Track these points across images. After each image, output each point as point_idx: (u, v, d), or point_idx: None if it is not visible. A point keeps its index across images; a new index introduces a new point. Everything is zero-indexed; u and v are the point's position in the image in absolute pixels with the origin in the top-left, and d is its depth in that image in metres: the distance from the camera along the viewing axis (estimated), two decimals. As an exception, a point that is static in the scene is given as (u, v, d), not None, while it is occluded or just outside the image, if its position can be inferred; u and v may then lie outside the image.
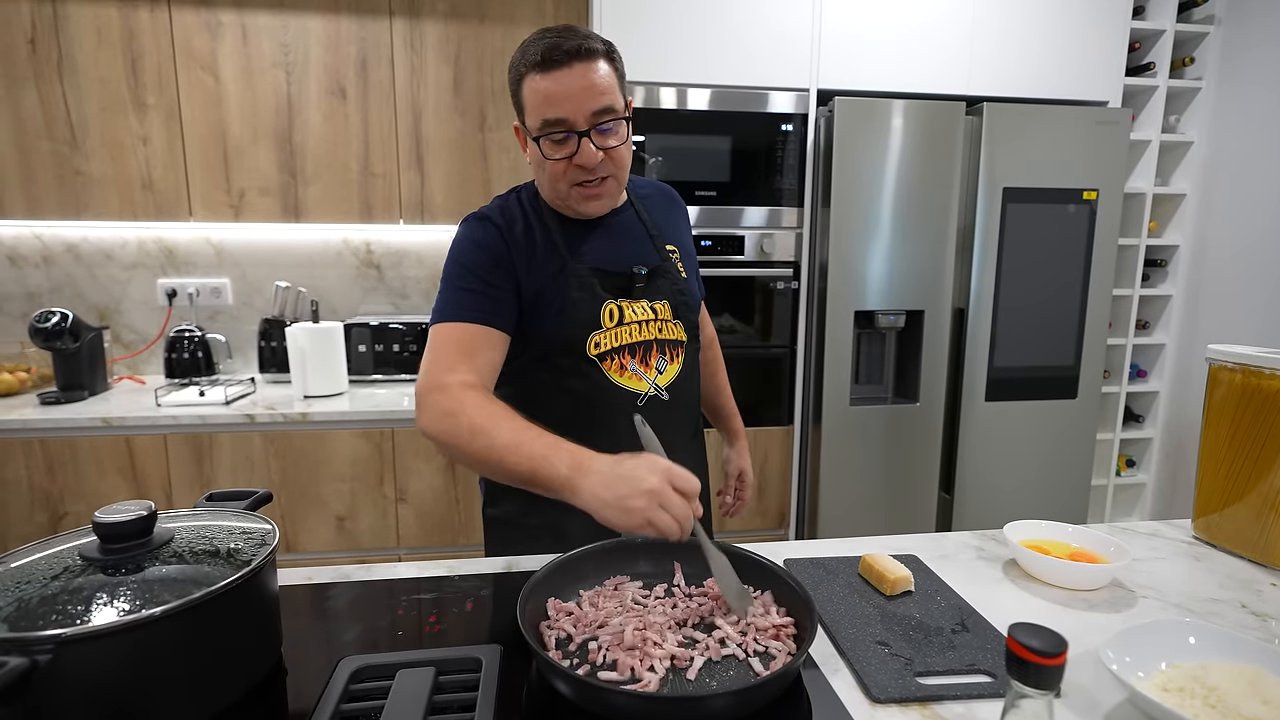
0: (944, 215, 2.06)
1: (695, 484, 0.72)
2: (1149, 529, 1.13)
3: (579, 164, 0.93)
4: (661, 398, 1.04)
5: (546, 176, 0.98)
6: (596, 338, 1.00)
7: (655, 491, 0.70)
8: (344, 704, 0.65)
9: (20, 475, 1.85)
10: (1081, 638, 0.77)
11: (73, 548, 0.67)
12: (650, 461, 0.73)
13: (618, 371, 1.01)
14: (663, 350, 1.05)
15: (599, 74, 0.91)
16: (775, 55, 2.04)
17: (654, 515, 0.70)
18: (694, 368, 1.11)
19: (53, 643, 0.55)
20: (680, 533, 0.71)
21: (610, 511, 0.72)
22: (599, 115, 0.92)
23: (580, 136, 0.92)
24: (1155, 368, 2.60)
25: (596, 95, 0.91)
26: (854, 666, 0.72)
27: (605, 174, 0.96)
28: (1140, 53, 2.42)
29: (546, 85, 0.90)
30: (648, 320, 1.03)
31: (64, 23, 1.95)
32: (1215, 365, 1.05)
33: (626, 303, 1.02)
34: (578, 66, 0.90)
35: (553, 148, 0.94)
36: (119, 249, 2.31)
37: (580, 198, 0.98)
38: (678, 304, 1.07)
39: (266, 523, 0.77)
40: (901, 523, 2.17)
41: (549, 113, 0.91)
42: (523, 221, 1.02)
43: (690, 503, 0.71)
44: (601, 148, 0.93)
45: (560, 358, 1.00)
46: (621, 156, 0.97)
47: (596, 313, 1.00)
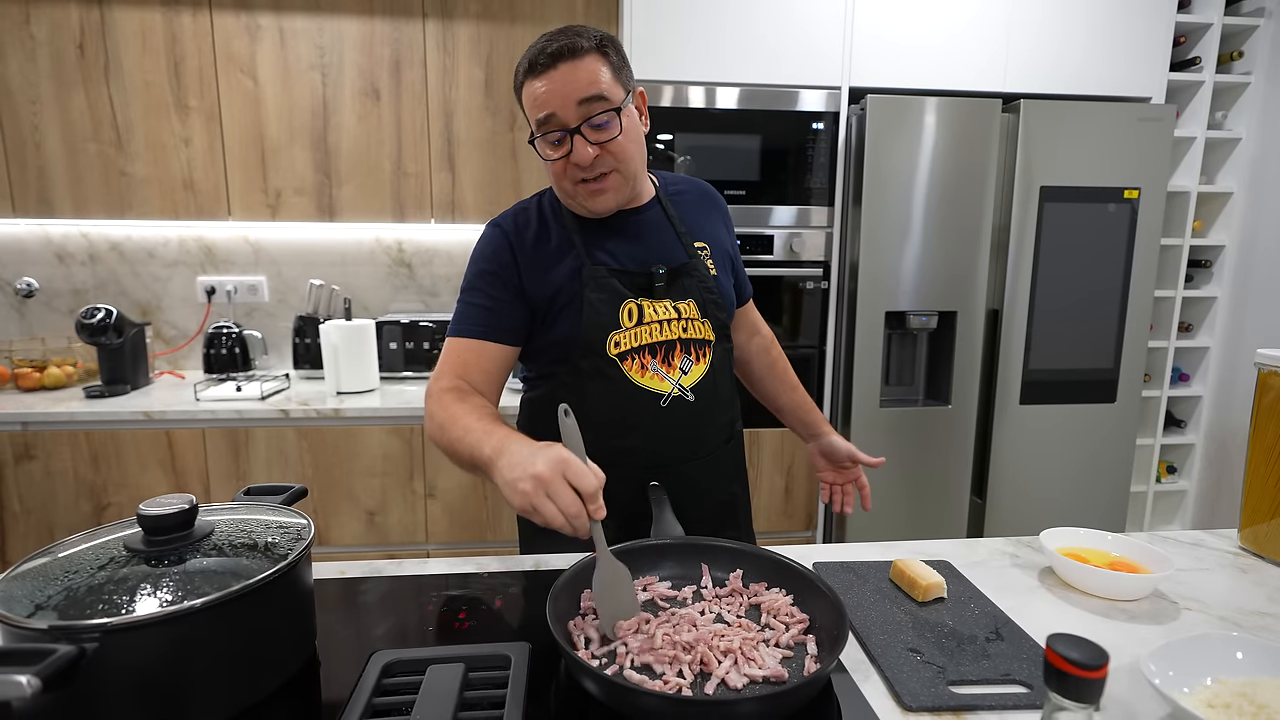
0: (978, 214, 2.02)
1: (590, 482, 0.69)
2: (1192, 538, 1.09)
3: (574, 162, 0.93)
4: (686, 398, 1.02)
5: (553, 177, 0.99)
6: (616, 337, 0.99)
7: (541, 478, 0.69)
8: (376, 697, 0.66)
9: (66, 466, 1.92)
10: (1122, 650, 0.75)
11: (118, 539, 0.69)
12: (552, 451, 0.72)
13: (638, 371, 1.00)
14: (687, 350, 1.03)
15: (585, 70, 0.91)
16: (806, 53, 2.02)
17: (538, 502, 0.69)
18: (724, 369, 1.09)
19: (100, 631, 0.57)
20: (565, 526, 0.69)
21: (506, 491, 0.74)
22: (586, 107, 0.91)
23: (572, 134, 0.92)
24: (1199, 371, 2.52)
25: (581, 88, 0.91)
26: (885, 674, 0.71)
27: (605, 169, 0.95)
28: (1185, 47, 2.34)
29: (536, 87, 0.92)
30: (670, 319, 1.02)
31: (111, 28, 2.01)
32: (1265, 370, 1.02)
33: (647, 302, 1.01)
34: (563, 66, 0.90)
35: (549, 148, 0.95)
36: (161, 247, 2.37)
37: (586, 194, 0.98)
38: (705, 302, 1.05)
39: (302, 518, 0.78)
40: (932, 527, 2.13)
41: (540, 112, 0.93)
42: (538, 225, 1.03)
43: (589, 501, 0.69)
44: (596, 142, 0.93)
45: (580, 358, 1.00)
46: (621, 149, 0.95)
47: (615, 312, 0.99)
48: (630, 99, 0.97)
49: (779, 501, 2.21)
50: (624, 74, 0.96)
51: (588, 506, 0.70)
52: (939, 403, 2.12)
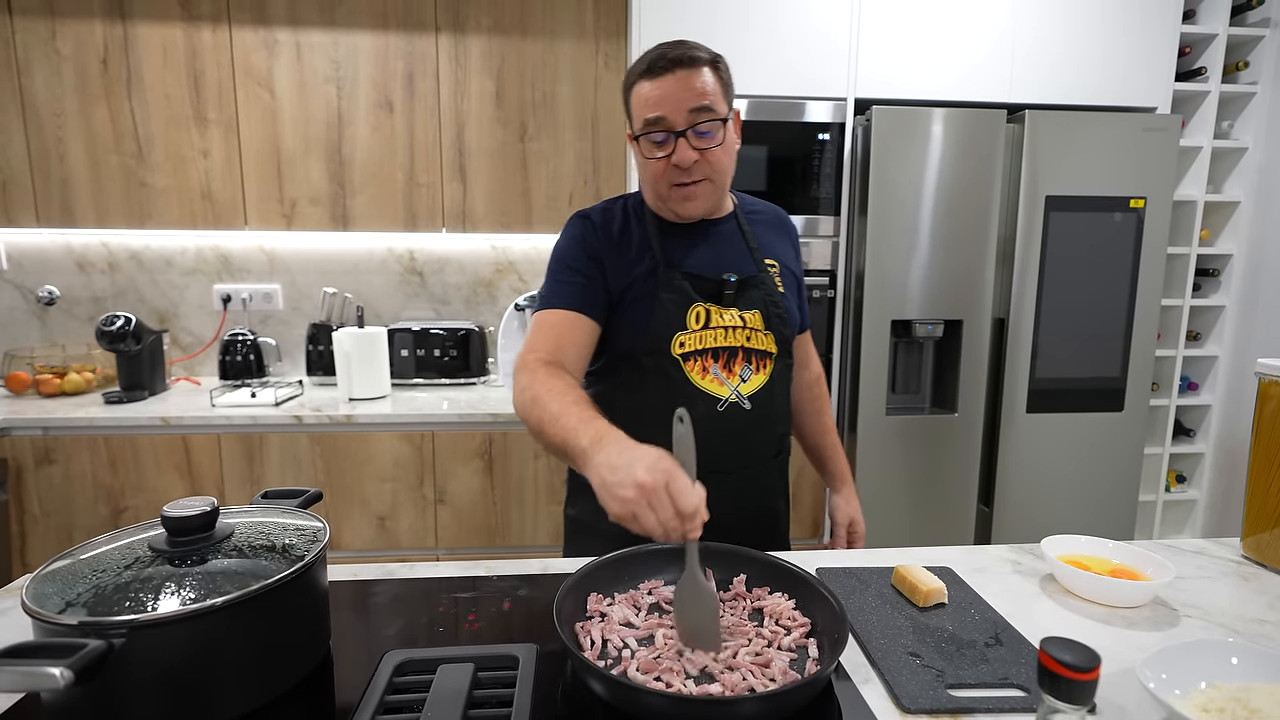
0: (984, 224, 2.04)
1: (690, 501, 0.66)
2: (1195, 546, 1.10)
3: (675, 163, 0.98)
4: (743, 406, 1.05)
5: (648, 177, 1.04)
6: (681, 338, 1.03)
7: (647, 487, 0.66)
8: (388, 695, 0.68)
9: (85, 470, 1.96)
10: (1120, 656, 0.76)
11: (143, 539, 0.72)
12: (658, 458, 0.68)
13: (699, 373, 1.03)
14: (749, 359, 1.06)
15: (701, 80, 0.97)
16: (813, 64, 2.04)
17: (640, 511, 0.66)
18: (783, 383, 1.11)
19: (127, 627, 0.59)
20: (664, 536, 0.67)
21: (604, 494, 0.69)
22: (696, 115, 0.97)
23: (677, 136, 0.97)
24: (1207, 380, 2.51)
25: (695, 97, 0.96)
26: (885, 676, 0.72)
27: (701, 175, 1.00)
28: (1191, 57, 2.35)
29: (649, 89, 0.98)
30: (735, 327, 1.05)
31: (133, 43, 2.06)
32: (1265, 380, 1.02)
33: (715, 308, 1.05)
34: (680, 72, 0.97)
35: (652, 147, 1.00)
36: (178, 256, 2.42)
37: (678, 198, 1.02)
38: (770, 315, 1.07)
39: (318, 521, 0.81)
40: (938, 535, 2.14)
41: (650, 113, 0.98)
42: (621, 222, 1.08)
43: (686, 521, 0.67)
44: (697, 148, 0.98)
45: (645, 356, 1.04)
46: (717, 159, 1.00)
47: (683, 314, 1.03)
48: (730, 116, 1.02)
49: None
50: (729, 92, 1.03)
51: (685, 525, 0.67)
52: (945, 411, 2.12)
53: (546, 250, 2.53)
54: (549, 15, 2.16)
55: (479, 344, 2.40)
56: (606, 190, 2.27)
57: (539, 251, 2.54)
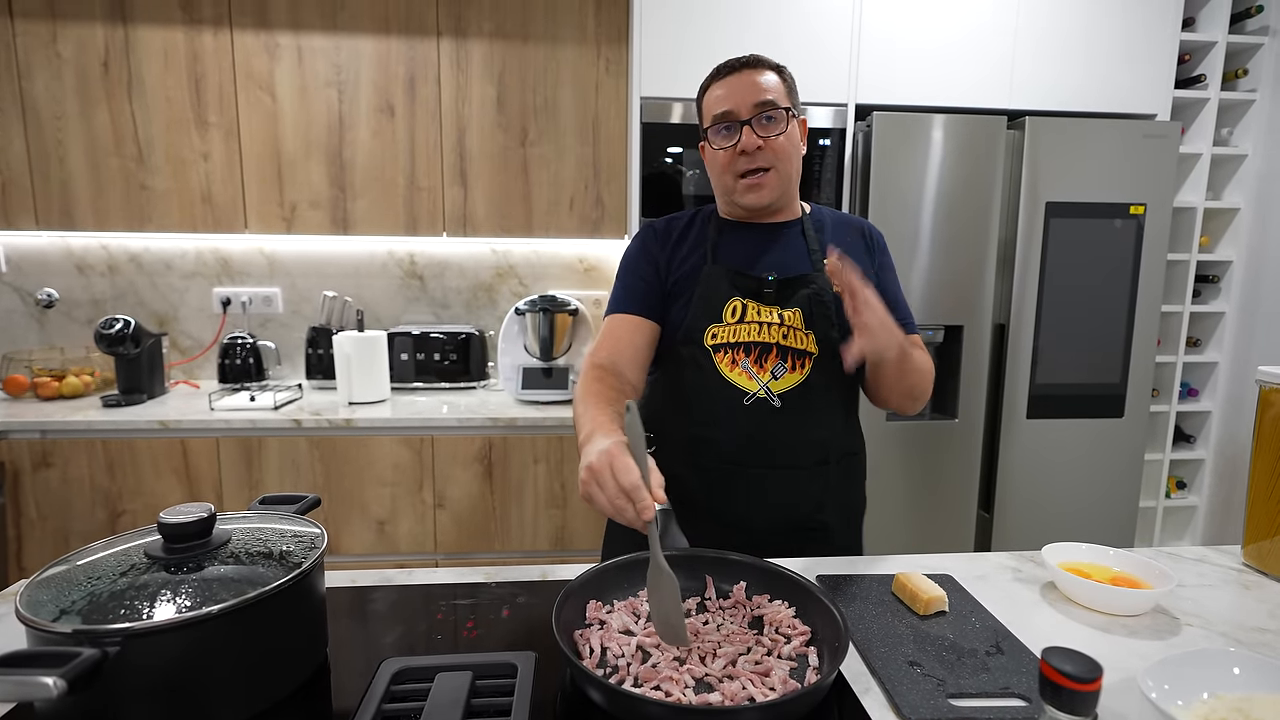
0: (984, 230, 2.04)
1: (629, 478, 0.70)
2: (1197, 554, 1.10)
3: (741, 149, 1.04)
4: (771, 403, 1.05)
5: (716, 170, 1.10)
6: (714, 330, 1.08)
7: (593, 468, 0.73)
8: (386, 704, 0.68)
9: (83, 474, 1.95)
10: (1121, 665, 0.76)
11: (139, 546, 0.72)
12: (607, 443, 0.75)
13: (729, 365, 1.06)
14: (784, 356, 1.06)
15: (764, 77, 1.06)
16: (814, 70, 2.04)
17: (591, 491, 0.73)
18: (825, 385, 1.07)
19: (121, 635, 0.59)
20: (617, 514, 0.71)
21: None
22: (760, 107, 1.04)
23: (743, 125, 1.04)
24: (1207, 387, 2.51)
25: (759, 91, 1.04)
26: (885, 686, 0.72)
27: (766, 164, 1.06)
28: (1190, 65, 2.35)
29: (719, 88, 1.07)
30: (773, 324, 1.07)
31: (134, 46, 2.07)
32: (1266, 387, 1.02)
33: (754, 304, 1.08)
34: (746, 72, 1.06)
35: (720, 138, 1.07)
36: (178, 259, 2.42)
37: (744, 188, 1.08)
38: (814, 315, 1.07)
39: (315, 527, 0.80)
40: (939, 541, 2.13)
41: (718, 108, 1.06)
42: (685, 225, 1.16)
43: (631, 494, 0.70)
44: (761, 135, 1.04)
45: (682, 346, 1.09)
46: (782, 147, 1.06)
47: (720, 308, 1.08)
48: (796, 114, 1.08)
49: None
50: (794, 95, 1.09)
51: (634, 503, 0.70)
52: (946, 417, 2.12)
53: (547, 254, 2.53)
54: (551, 20, 2.17)
55: (479, 348, 2.40)
56: (607, 195, 2.27)
57: (539, 256, 2.53)
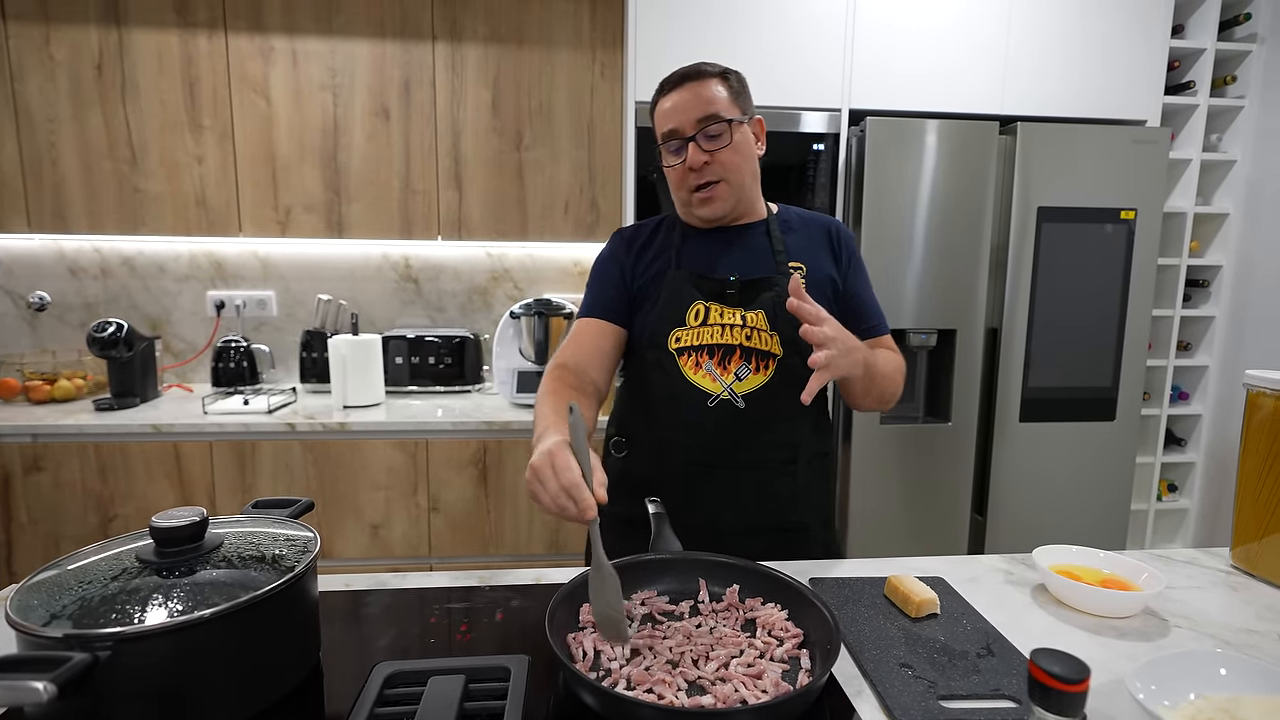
0: (977, 234, 2.05)
1: (568, 476, 0.72)
2: (1186, 556, 1.10)
3: (689, 166, 1.06)
4: (735, 404, 1.06)
5: (672, 185, 1.12)
6: (678, 333, 1.09)
7: (535, 467, 0.74)
8: (379, 708, 0.68)
9: (75, 478, 1.94)
10: (1110, 666, 0.77)
11: (130, 550, 0.71)
12: (548, 443, 0.77)
13: (692, 368, 1.07)
14: (748, 358, 1.07)
15: (706, 90, 1.05)
16: (808, 75, 2.06)
17: (535, 489, 0.74)
18: (789, 385, 1.05)
19: (113, 640, 0.59)
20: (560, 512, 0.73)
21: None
22: (703, 122, 1.04)
23: (688, 142, 1.05)
24: (1198, 390, 2.53)
25: (702, 106, 1.04)
26: (877, 688, 0.72)
27: (715, 177, 1.07)
28: (1180, 71, 2.38)
29: (664, 105, 1.08)
30: (735, 325, 1.08)
31: (128, 49, 2.06)
32: (1253, 391, 1.03)
33: (717, 306, 1.09)
34: (688, 85, 1.06)
35: (669, 156, 1.09)
36: (172, 262, 2.41)
37: (698, 202, 1.09)
38: (777, 315, 1.07)
39: (309, 530, 0.80)
40: (932, 544, 2.14)
41: (664, 126, 1.08)
42: (650, 232, 1.18)
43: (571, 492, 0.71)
44: (707, 150, 1.05)
45: (647, 350, 1.11)
46: (729, 159, 1.06)
47: (683, 311, 1.09)
48: (747, 121, 1.08)
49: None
50: (742, 99, 1.10)
51: (575, 501, 0.71)
52: (939, 420, 2.13)
53: (542, 258, 2.54)
54: (546, 25, 2.17)
55: (474, 351, 2.40)
56: (602, 199, 2.28)
57: (534, 259, 2.54)
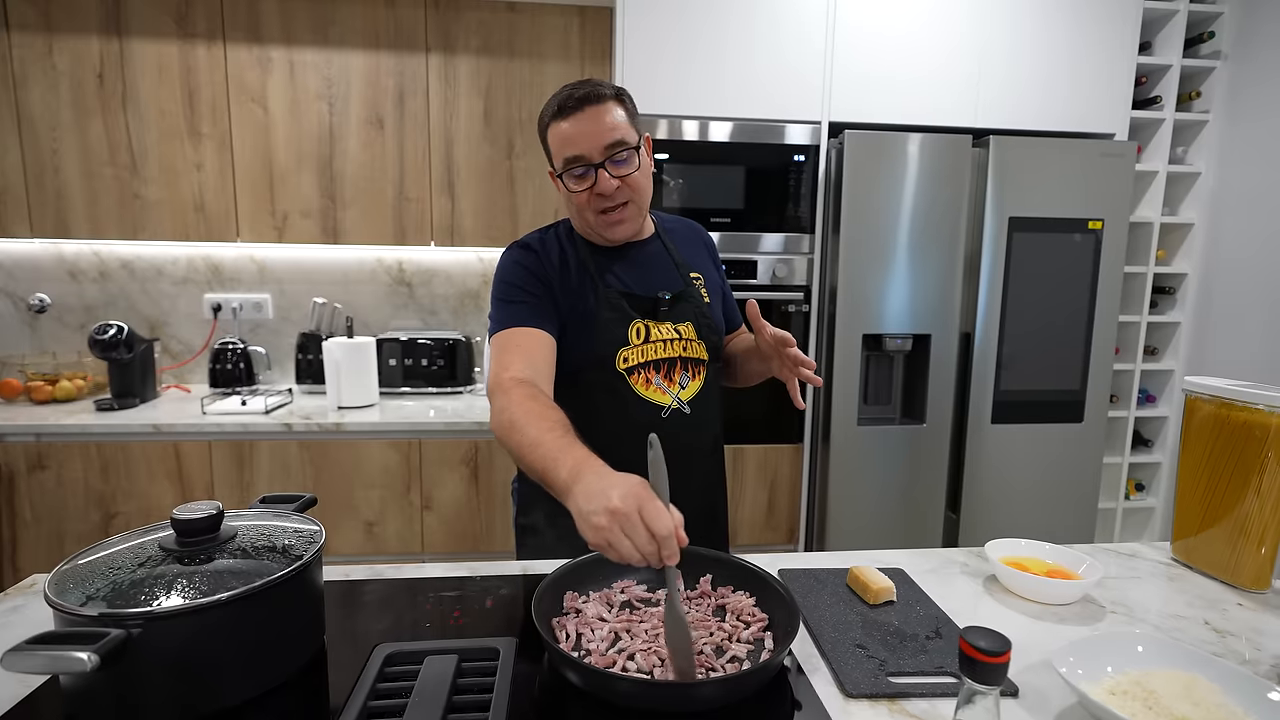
0: (951, 243, 2.14)
1: (665, 524, 0.67)
2: (1131, 550, 1.19)
3: (598, 192, 1.06)
4: (684, 411, 1.14)
5: (575, 209, 1.12)
6: (625, 353, 1.11)
7: (619, 513, 0.67)
8: (380, 684, 0.75)
9: (77, 476, 2.00)
10: (1047, 647, 0.84)
11: (153, 540, 0.78)
12: (631, 484, 0.70)
13: (643, 385, 1.12)
14: (686, 367, 1.15)
15: (609, 114, 1.04)
16: (789, 90, 2.14)
17: (614, 538, 0.67)
18: (715, 386, 1.20)
19: (143, 618, 0.65)
20: (641, 561, 0.68)
21: (581, 523, 0.71)
22: (611, 149, 1.05)
23: (596, 168, 1.05)
24: (1164, 393, 2.63)
25: (607, 132, 1.04)
26: (832, 665, 0.80)
27: (624, 199, 1.08)
28: (1147, 87, 2.47)
29: (564, 129, 1.05)
30: (672, 339, 1.14)
31: (129, 59, 2.12)
32: (1192, 396, 1.11)
33: (652, 323, 1.14)
34: (589, 110, 1.04)
35: (575, 182, 1.07)
36: (170, 265, 2.47)
37: (605, 224, 1.10)
38: (701, 325, 1.17)
39: (314, 523, 0.87)
40: (909, 541, 2.22)
41: (568, 151, 1.05)
42: (559, 250, 1.16)
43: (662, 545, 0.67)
44: (616, 176, 1.06)
45: (593, 371, 1.11)
46: (637, 183, 1.08)
47: (625, 331, 1.12)
48: (641, 141, 1.10)
49: (762, 515, 2.30)
50: (636, 120, 1.11)
51: (661, 550, 0.67)
52: (915, 421, 2.21)
53: (532, 263, 2.59)
54: (536, 38, 2.24)
55: (465, 354, 2.46)
56: (591, 206, 2.35)
57: (525, 264, 2.60)
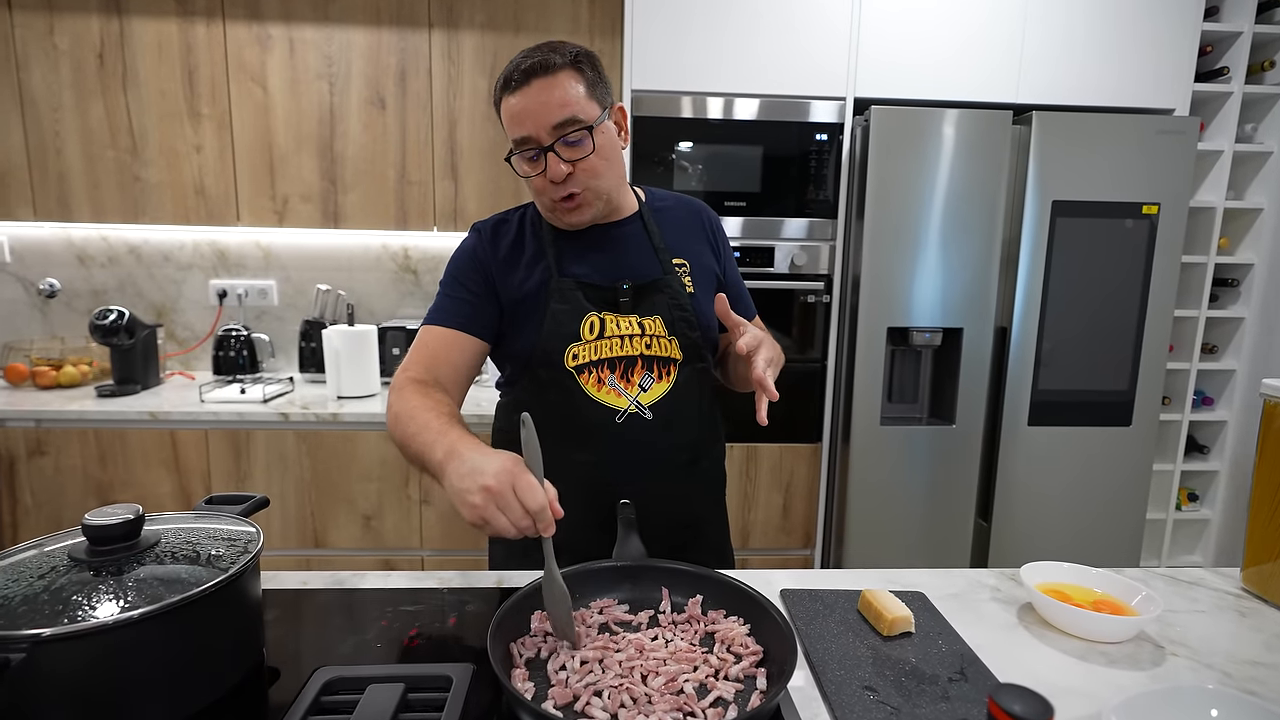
0: (987, 229, 1.97)
1: (537, 498, 0.69)
2: (1192, 576, 1.04)
3: (549, 178, 0.94)
4: (643, 416, 1.01)
5: (533, 194, 1.01)
6: (575, 349, 1.00)
7: (493, 490, 0.69)
8: (311, 715, 0.65)
9: (76, 463, 1.96)
10: (1095, 695, 0.72)
11: (63, 548, 0.70)
12: (504, 461, 0.72)
13: (595, 385, 1.00)
14: (649, 367, 1.02)
15: (559, 88, 0.91)
16: (810, 63, 1.99)
17: (489, 514, 0.70)
18: (691, 389, 1.05)
19: (28, 642, 0.57)
20: (518, 535, 0.70)
21: (457, 501, 0.72)
22: (561, 129, 0.92)
23: (545, 152, 0.93)
24: (1224, 395, 2.42)
25: (555, 109, 0.91)
26: (834, 712, 0.68)
27: (579, 186, 0.96)
28: (1212, 56, 2.26)
29: (512, 105, 0.93)
30: (633, 335, 1.01)
31: (129, 39, 2.06)
32: (1271, 401, 0.96)
33: (611, 316, 1.01)
34: (536, 83, 0.91)
35: (526, 165, 0.96)
36: (176, 250, 2.43)
37: (563, 210, 0.99)
38: (674, 320, 1.03)
39: (252, 528, 0.78)
40: (933, 550, 2.08)
41: (516, 132, 0.94)
42: (515, 234, 1.05)
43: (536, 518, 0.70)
44: (568, 160, 0.93)
45: (540, 369, 1.01)
46: (592, 167, 0.96)
47: (576, 325, 1.00)
48: (607, 115, 0.98)
49: (777, 518, 2.17)
50: (599, 90, 0.97)
51: (536, 523, 0.70)
52: (943, 422, 2.06)
53: (543, 250, 2.50)
54: (542, 12, 2.13)
55: (472, 344, 2.38)
56: (602, 190, 2.24)
57: (535, 251, 2.50)
